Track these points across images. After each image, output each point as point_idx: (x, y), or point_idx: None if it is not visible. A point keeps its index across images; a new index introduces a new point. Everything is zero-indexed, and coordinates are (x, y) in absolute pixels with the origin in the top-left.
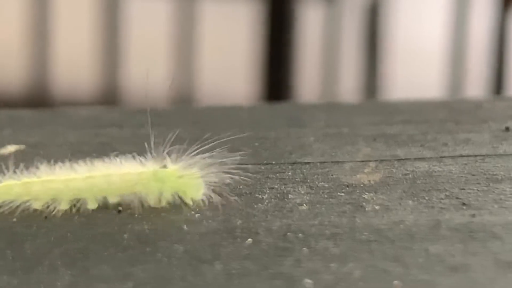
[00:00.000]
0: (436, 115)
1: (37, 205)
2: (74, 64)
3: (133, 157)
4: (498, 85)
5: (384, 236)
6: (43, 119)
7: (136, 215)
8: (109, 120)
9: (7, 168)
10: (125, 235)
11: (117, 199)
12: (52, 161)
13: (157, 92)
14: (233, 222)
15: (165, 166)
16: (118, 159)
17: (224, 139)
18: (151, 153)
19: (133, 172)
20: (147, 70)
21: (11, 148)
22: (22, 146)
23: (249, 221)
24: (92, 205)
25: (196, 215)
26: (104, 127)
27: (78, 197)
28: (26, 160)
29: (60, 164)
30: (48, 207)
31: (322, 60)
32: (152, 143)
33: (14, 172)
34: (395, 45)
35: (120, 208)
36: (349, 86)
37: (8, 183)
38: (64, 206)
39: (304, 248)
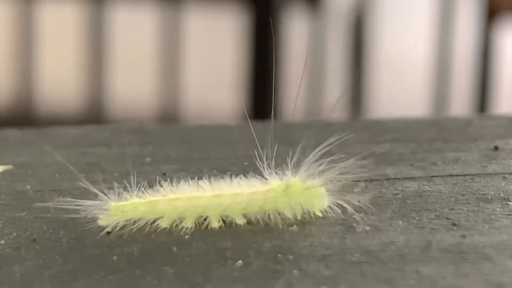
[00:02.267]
0: (425, 134)
1: (164, 223)
2: (59, 80)
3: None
4: (482, 97)
5: (375, 257)
6: (30, 138)
7: (125, 237)
8: (97, 139)
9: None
10: (115, 257)
11: (242, 218)
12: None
13: (143, 106)
14: (223, 244)
15: (290, 181)
16: (236, 178)
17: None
18: (268, 169)
19: (260, 191)
20: (133, 84)
21: None
22: (10, 167)
23: (239, 243)
24: (215, 224)
25: (186, 236)
26: (92, 146)
27: (203, 215)
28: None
29: (182, 182)
30: (176, 225)
31: (308, 72)
32: (272, 160)
33: (138, 189)
34: (380, 58)
35: (109, 229)
36: (334, 97)
37: (134, 201)
38: (189, 224)
39: (295, 270)
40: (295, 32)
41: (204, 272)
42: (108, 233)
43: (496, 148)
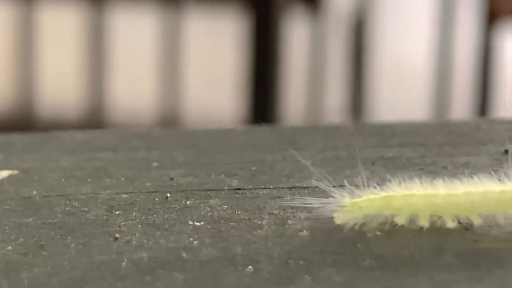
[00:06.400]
0: (434, 138)
1: (399, 220)
2: (60, 84)
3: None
4: (483, 100)
5: (387, 263)
6: (36, 143)
7: (134, 243)
8: (103, 144)
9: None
10: (123, 263)
11: (478, 219)
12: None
13: (143, 110)
14: (233, 249)
15: None
16: (472, 177)
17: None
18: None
19: (495, 190)
20: (134, 88)
21: (3, 173)
22: (15, 172)
23: (249, 248)
24: (451, 224)
25: (195, 242)
26: (98, 151)
27: (437, 214)
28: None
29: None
30: (411, 222)
31: (308, 77)
32: None
33: (368, 185)
34: (380, 61)
35: (117, 235)
36: (334, 102)
37: (370, 197)
38: (423, 222)
39: (306, 276)
40: (295, 35)
41: (214, 278)
42: (116, 238)
43: (506, 152)
